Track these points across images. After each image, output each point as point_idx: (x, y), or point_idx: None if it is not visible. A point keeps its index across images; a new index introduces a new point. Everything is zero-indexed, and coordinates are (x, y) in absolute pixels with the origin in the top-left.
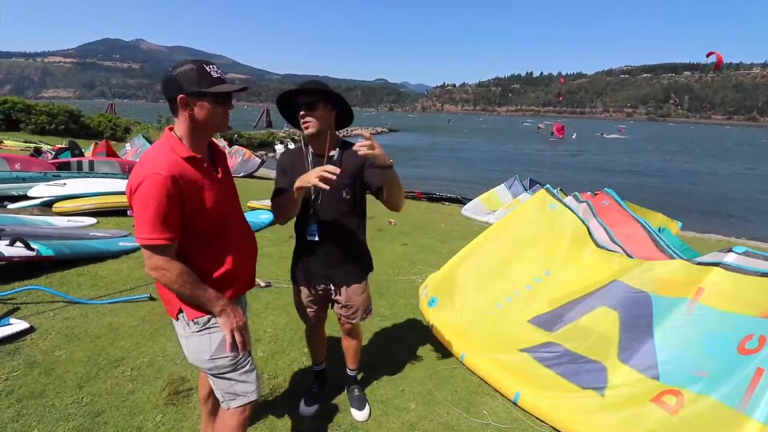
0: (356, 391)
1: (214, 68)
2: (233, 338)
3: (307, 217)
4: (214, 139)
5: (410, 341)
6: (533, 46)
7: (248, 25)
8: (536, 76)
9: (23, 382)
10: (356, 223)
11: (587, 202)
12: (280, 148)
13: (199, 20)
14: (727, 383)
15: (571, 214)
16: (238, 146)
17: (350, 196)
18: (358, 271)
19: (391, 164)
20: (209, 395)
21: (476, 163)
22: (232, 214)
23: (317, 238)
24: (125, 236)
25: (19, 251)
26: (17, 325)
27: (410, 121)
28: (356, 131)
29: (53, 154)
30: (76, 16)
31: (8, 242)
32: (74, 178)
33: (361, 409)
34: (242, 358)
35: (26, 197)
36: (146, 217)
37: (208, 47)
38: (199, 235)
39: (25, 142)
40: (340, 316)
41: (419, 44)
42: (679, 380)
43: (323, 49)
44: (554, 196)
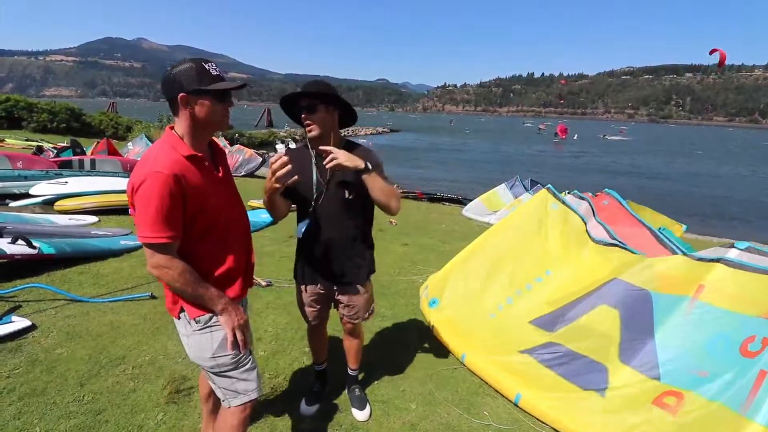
0: (357, 390)
1: (213, 66)
2: (234, 337)
3: (309, 216)
4: (215, 138)
5: (411, 341)
6: (534, 46)
7: (249, 24)
8: (537, 76)
9: (25, 379)
10: (359, 223)
11: (588, 200)
12: (281, 147)
13: (200, 20)
14: (729, 386)
15: (572, 213)
16: (239, 145)
17: (353, 196)
18: (360, 271)
19: (365, 167)
20: (210, 394)
21: (478, 164)
22: (232, 212)
23: (317, 237)
24: (126, 235)
25: (21, 249)
26: (19, 322)
27: (411, 121)
28: (359, 131)
29: (55, 152)
30: (78, 14)
31: (10, 240)
32: (76, 176)
33: (362, 409)
34: (243, 356)
35: (28, 195)
36: (148, 215)
37: (209, 47)
38: (200, 233)
39: (26, 140)
40: (342, 315)
41: (420, 44)
42: (680, 381)
43: (324, 48)
44: (556, 195)
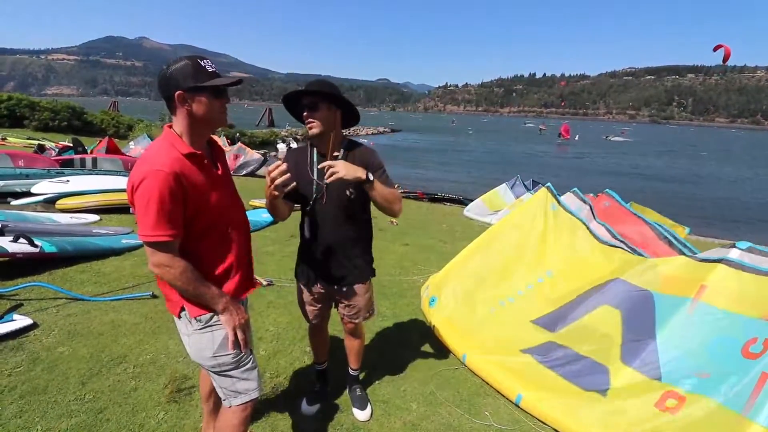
0: (358, 390)
1: (208, 63)
2: (235, 336)
3: (311, 216)
4: (216, 138)
5: (412, 341)
6: (536, 47)
7: (251, 24)
8: (539, 77)
9: (26, 378)
10: (361, 223)
11: (588, 203)
12: (282, 147)
13: (202, 19)
14: (731, 387)
15: (571, 212)
16: (240, 144)
17: (355, 196)
18: (361, 271)
19: (367, 178)
20: (211, 393)
21: (483, 165)
22: (232, 210)
23: (319, 237)
24: (128, 233)
25: (22, 248)
26: (20, 321)
27: (413, 121)
28: (359, 131)
29: (56, 151)
30: (80, 13)
31: (12, 239)
32: (77, 175)
33: (363, 408)
34: (244, 355)
35: (30, 194)
36: (148, 214)
37: (211, 46)
38: (200, 232)
39: (28, 138)
40: (343, 315)
41: (422, 44)
42: (681, 382)
43: (326, 48)
44: (555, 195)
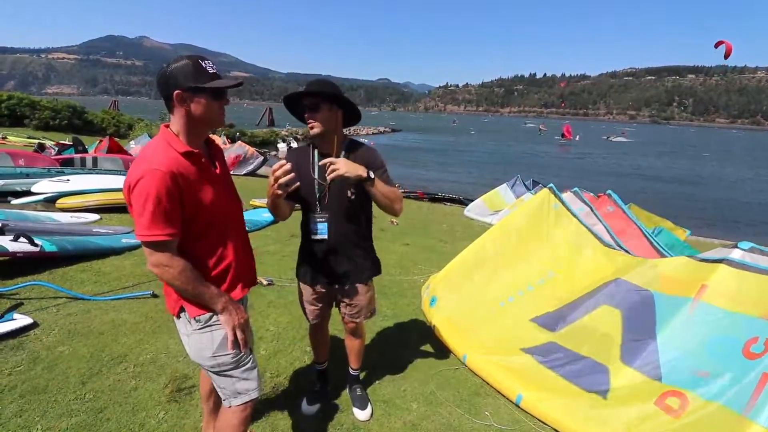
0: (358, 390)
1: (209, 64)
2: (235, 336)
3: (312, 215)
4: (216, 137)
5: (412, 341)
6: (536, 47)
7: (252, 23)
8: (539, 77)
9: (26, 377)
10: (362, 223)
11: (590, 206)
12: (282, 146)
13: (202, 18)
14: (731, 387)
15: (572, 212)
16: (240, 142)
17: (356, 196)
18: (363, 270)
19: (367, 176)
20: (211, 393)
21: (483, 165)
22: (230, 209)
23: (321, 236)
24: (128, 233)
25: (22, 247)
26: (21, 320)
27: (413, 121)
28: (360, 131)
29: (56, 150)
30: (80, 12)
31: (12, 238)
32: (78, 174)
33: (363, 408)
34: (244, 355)
35: (30, 193)
36: (145, 213)
37: (211, 45)
38: (198, 231)
39: (28, 137)
40: (344, 315)
41: (422, 44)
42: (682, 381)
43: (326, 48)
44: (557, 195)
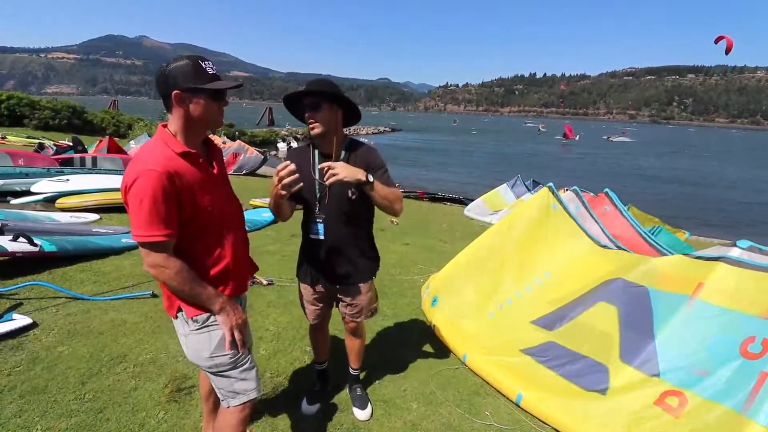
0: (358, 390)
1: (209, 64)
2: (233, 336)
3: (313, 216)
4: (216, 137)
5: (412, 341)
6: (536, 47)
7: (251, 23)
8: (539, 77)
9: (26, 377)
10: (363, 222)
11: (587, 206)
12: (282, 146)
13: (202, 18)
14: (729, 385)
15: (570, 212)
16: (240, 141)
17: (356, 196)
18: (363, 270)
19: (366, 179)
20: (211, 393)
21: (483, 165)
22: (228, 209)
23: (322, 236)
24: (128, 233)
25: (22, 247)
26: (20, 320)
27: (413, 120)
28: (360, 131)
29: (54, 149)
30: (80, 12)
31: (11, 237)
32: (77, 174)
33: (363, 408)
34: (242, 356)
35: (29, 193)
36: (142, 214)
37: (211, 45)
38: (195, 231)
39: (28, 137)
40: (344, 314)
41: (422, 44)
42: (681, 380)
43: (326, 47)
44: (556, 195)
